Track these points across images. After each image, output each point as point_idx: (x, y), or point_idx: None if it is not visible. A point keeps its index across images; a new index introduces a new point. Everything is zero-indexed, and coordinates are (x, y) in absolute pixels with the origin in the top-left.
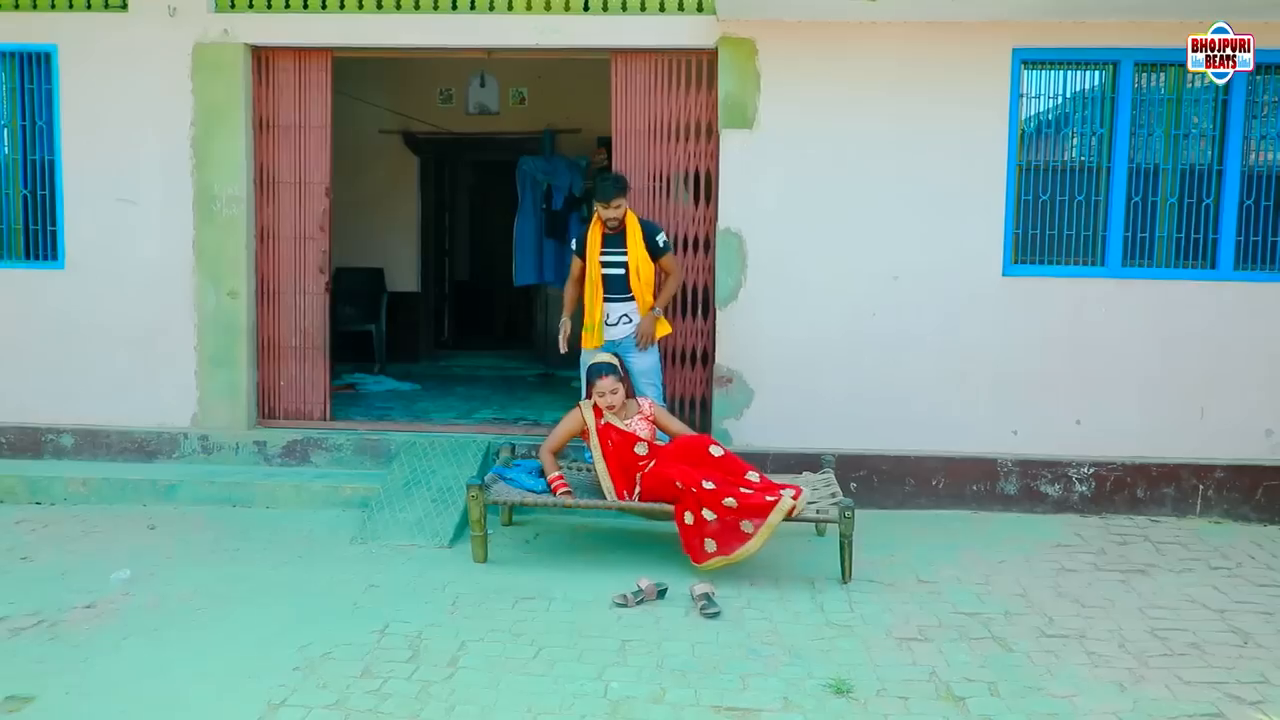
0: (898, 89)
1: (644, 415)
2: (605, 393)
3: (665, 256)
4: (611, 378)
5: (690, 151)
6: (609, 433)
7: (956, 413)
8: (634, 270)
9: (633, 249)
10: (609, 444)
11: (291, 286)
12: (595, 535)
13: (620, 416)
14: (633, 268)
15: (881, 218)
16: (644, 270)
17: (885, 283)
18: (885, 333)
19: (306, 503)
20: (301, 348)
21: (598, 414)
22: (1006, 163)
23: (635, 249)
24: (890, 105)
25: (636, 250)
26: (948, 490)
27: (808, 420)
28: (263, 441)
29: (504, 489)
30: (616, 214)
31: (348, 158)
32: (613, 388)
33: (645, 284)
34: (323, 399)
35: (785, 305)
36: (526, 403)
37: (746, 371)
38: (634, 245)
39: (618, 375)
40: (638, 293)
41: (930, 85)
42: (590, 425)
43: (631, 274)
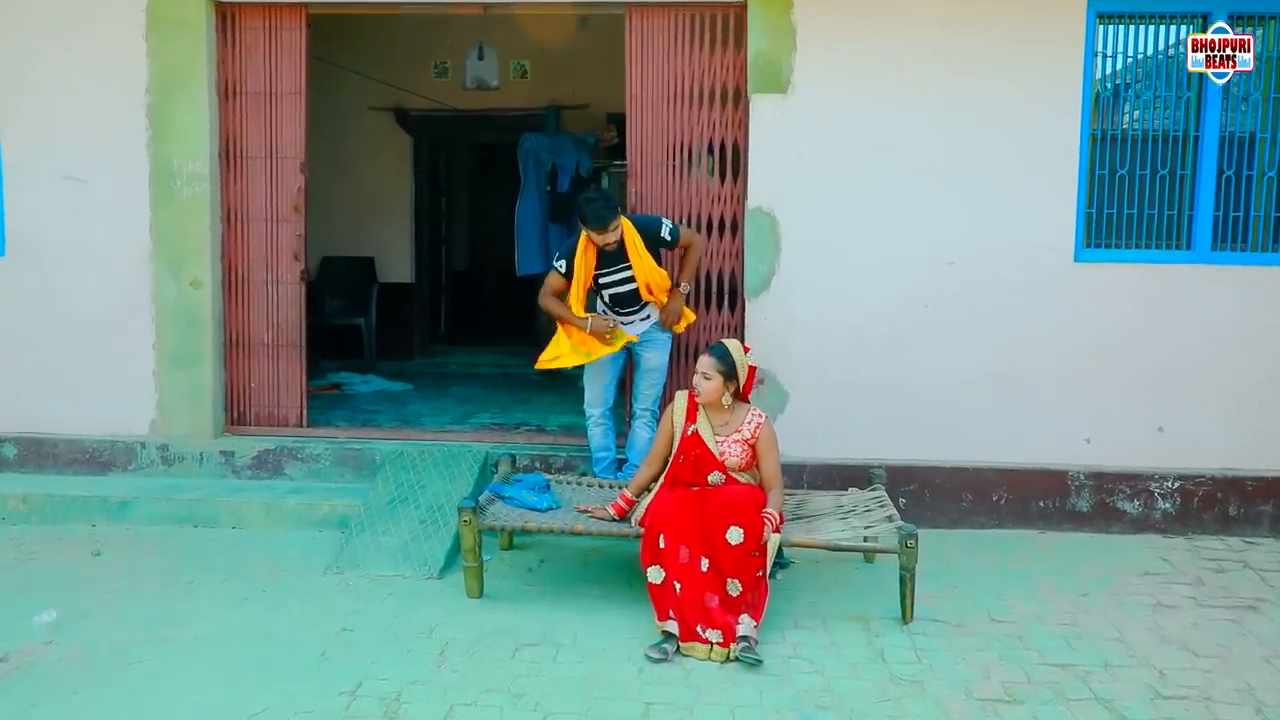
0: (954, 48)
1: (746, 439)
2: (697, 373)
3: (681, 238)
4: (714, 359)
5: (715, 120)
6: (692, 446)
7: (1021, 418)
8: (644, 284)
9: (638, 262)
10: (682, 459)
11: (263, 275)
12: (610, 562)
13: (714, 420)
14: (642, 282)
15: (935, 195)
16: (655, 280)
17: (939, 269)
18: (939, 326)
19: (277, 522)
20: (274, 344)
21: (690, 413)
22: (1080, 132)
23: (641, 261)
24: (945, 66)
25: (643, 262)
26: (1010, 506)
27: (850, 426)
28: (230, 451)
29: (502, 511)
30: (615, 237)
31: (334, 137)
32: (707, 371)
33: (658, 290)
34: (299, 402)
35: (824, 295)
36: (529, 405)
37: (779, 370)
38: (638, 257)
39: (725, 361)
40: (651, 298)
41: (992, 43)
42: (677, 425)
43: (641, 289)
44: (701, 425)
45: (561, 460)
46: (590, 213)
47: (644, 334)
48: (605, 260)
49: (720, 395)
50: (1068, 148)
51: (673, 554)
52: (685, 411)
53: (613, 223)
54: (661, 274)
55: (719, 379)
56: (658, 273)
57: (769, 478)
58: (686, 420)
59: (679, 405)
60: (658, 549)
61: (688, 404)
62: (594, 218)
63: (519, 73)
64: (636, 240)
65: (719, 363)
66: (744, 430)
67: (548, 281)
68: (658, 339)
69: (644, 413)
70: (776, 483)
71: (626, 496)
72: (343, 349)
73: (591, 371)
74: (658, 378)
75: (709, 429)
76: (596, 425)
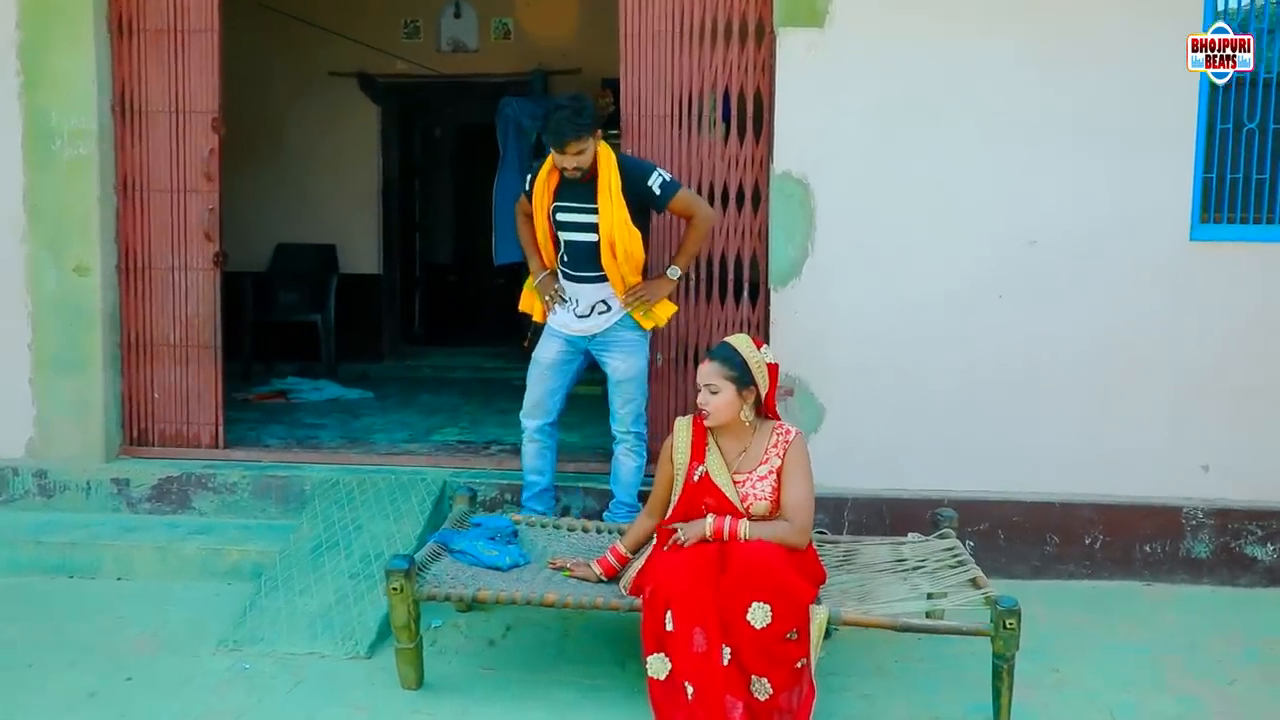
0: None
1: (776, 469)
2: (700, 387)
3: (674, 199)
4: (715, 364)
5: (731, 62)
6: (701, 494)
7: (1120, 439)
8: (607, 240)
9: (606, 207)
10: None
11: (168, 259)
12: (599, 633)
13: (730, 450)
14: (605, 236)
15: (1011, 158)
16: (623, 240)
17: (1017, 251)
18: (1016, 321)
19: (174, 572)
20: (183, 345)
21: (696, 447)
22: (1199, 82)
23: (611, 207)
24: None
25: (612, 210)
26: (1108, 551)
27: (904, 449)
28: (124, 479)
29: (449, 570)
30: (579, 162)
31: (289, 107)
32: (711, 381)
33: (626, 260)
34: (214, 418)
35: (870, 283)
36: (506, 417)
37: (813, 379)
38: (609, 201)
39: (731, 364)
40: (615, 274)
41: None
42: (679, 466)
43: (603, 246)
44: (713, 464)
45: None
46: (552, 123)
47: (604, 333)
48: (568, 192)
49: (737, 412)
50: (1183, 99)
51: (683, 639)
52: (689, 446)
53: (576, 143)
54: (635, 238)
55: (730, 389)
56: (630, 233)
57: (790, 504)
58: (692, 459)
59: (680, 438)
60: (663, 631)
61: (691, 435)
62: (553, 130)
63: (501, 33)
64: (613, 179)
65: (724, 367)
66: (771, 458)
67: (519, 202)
68: (624, 339)
69: (625, 436)
70: (798, 511)
71: (618, 552)
72: (300, 350)
73: (534, 369)
74: (632, 391)
75: (723, 467)
76: (530, 441)
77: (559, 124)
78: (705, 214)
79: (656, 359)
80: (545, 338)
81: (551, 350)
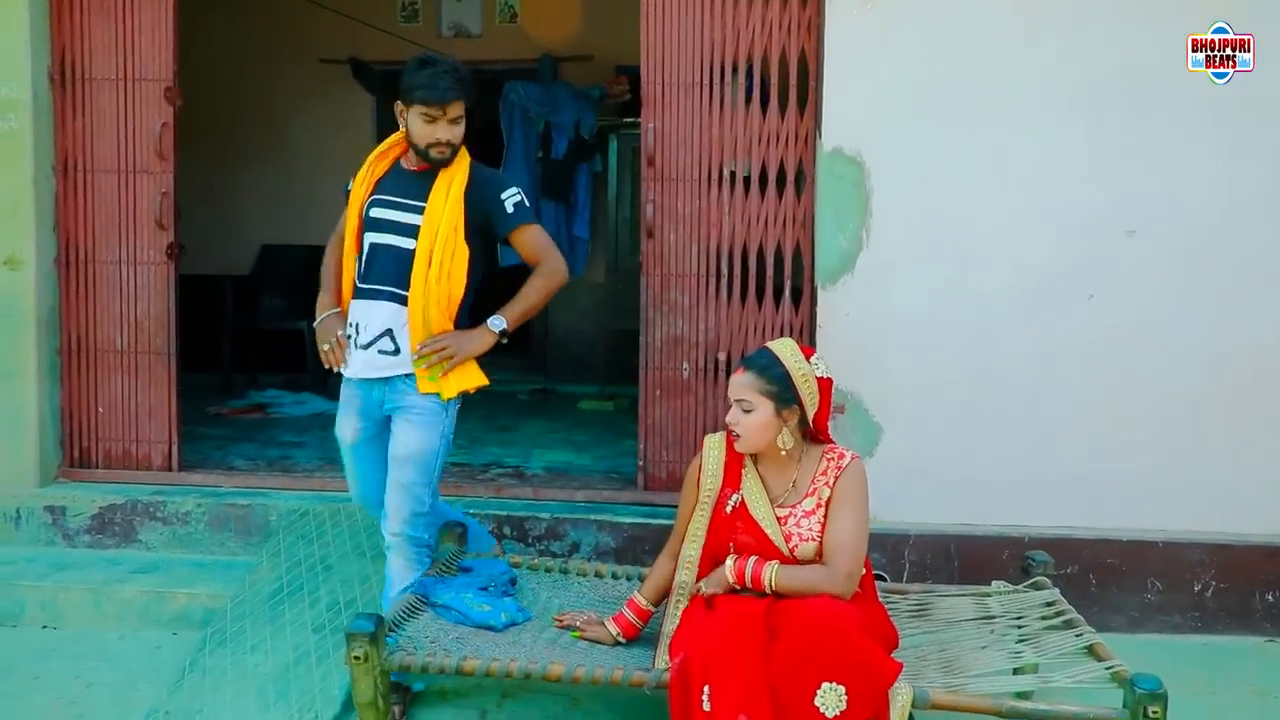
0: None
1: (823, 499)
2: (731, 403)
3: (523, 231)
4: (751, 374)
5: (772, 21)
6: (734, 528)
7: (1234, 467)
8: (426, 249)
9: (438, 206)
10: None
11: (114, 251)
12: (614, 704)
13: (774, 481)
14: (425, 242)
15: (1105, 134)
16: (444, 251)
17: (1110, 242)
18: (1108, 326)
19: (111, 619)
20: (132, 351)
21: (731, 470)
22: None
23: (444, 206)
24: None
25: (445, 210)
26: (1222, 600)
27: (973, 476)
28: (61, 507)
29: (430, 630)
30: (453, 135)
31: (274, 97)
32: (744, 396)
33: (438, 282)
34: (167, 435)
35: (936, 280)
36: (509, 435)
37: (867, 393)
38: (443, 199)
39: (769, 376)
40: (421, 298)
41: None
42: (707, 492)
43: (419, 255)
44: (751, 491)
45: (543, 525)
46: (425, 77)
47: (393, 390)
48: (394, 184)
49: (774, 436)
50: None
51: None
52: (721, 469)
53: (457, 105)
54: (461, 257)
55: (767, 408)
56: (457, 245)
57: (831, 545)
58: (724, 483)
59: (710, 458)
60: (697, 711)
61: (725, 455)
62: (432, 85)
63: (506, 15)
64: (458, 176)
65: (761, 379)
66: (820, 488)
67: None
68: (413, 404)
69: (395, 539)
70: (840, 553)
71: (637, 606)
72: (285, 361)
73: (341, 450)
74: (410, 475)
75: (764, 499)
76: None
77: (439, 78)
78: (557, 266)
79: (683, 370)
80: (341, 407)
81: (349, 428)
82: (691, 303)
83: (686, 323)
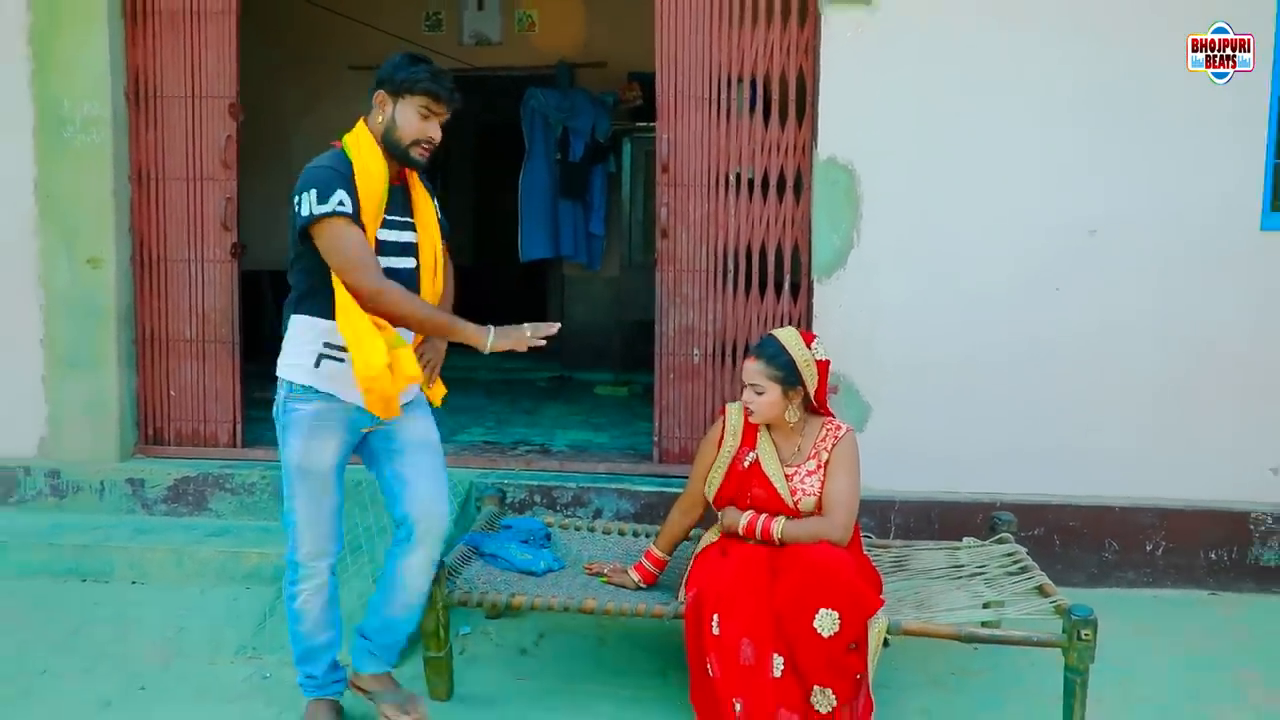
0: None
1: (822, 461)
2: (745, 386)
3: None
4: (761, 363)
5: (773, 42)
6: (749, 483)
7: (1184, 440)
8: (430, 262)
9: (427, 216)
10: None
11: (184, 251)
12: (638, 639)
13: (783, 445)
14: (427, 257)
15: (1070, 143)
16: (442, 262)
17: (1075, 240)
18: (1073, 315)
19: (191, 575)
20: (200, 340)
21: (748, 432)
22: (1272, 65)
23: (431, 218)
24: None
25: (433, 221)
26: (1170, 559)
27: (954, 450)
28: (140, 479)
29: (482, 574)
30: (439, 136)
31: (309, 102)
32: (757, 381)
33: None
34: (232, 416)
35: (919, 275)
36: (533, 417)
37: (859, 376)
38: (428, 209)
39: (777, 364)
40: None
41: None
42: (727, 448)
43: (424, 271)
44: (764, 452)
45: (570, 494)
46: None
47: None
48: (391, 204)
49: (782, 412)
50: (1254, 80)
51: (730, 649)
52: (741, 430)
53: (453, 106)
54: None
55: (775, 390)
56: (441, 252)
57: (830, 499)
58: (742, 444)
59: (733, 417)
60: (708, 635)
61: (744, 419)
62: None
63: (525, 24)
64: (424, 194)
65: (770, 367)
66: (820, 452)
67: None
68: (420, 398)
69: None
70: (838, 507)
71: (654, 556)
72: None
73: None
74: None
75: (774, 459)
76: (316, 592)
77: (442, 76)
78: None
79: (694, 356)
80: (312, 429)
81: (329, 450)
82: (701, 296)
83: (697, 314)
